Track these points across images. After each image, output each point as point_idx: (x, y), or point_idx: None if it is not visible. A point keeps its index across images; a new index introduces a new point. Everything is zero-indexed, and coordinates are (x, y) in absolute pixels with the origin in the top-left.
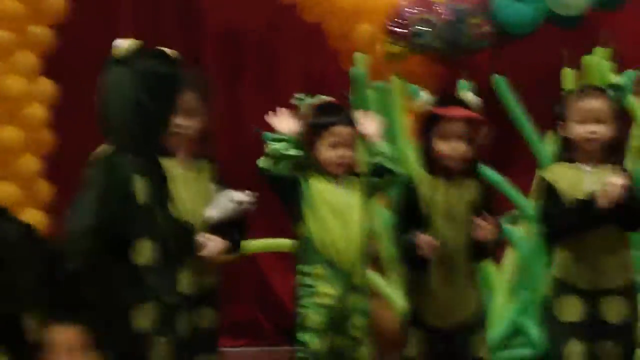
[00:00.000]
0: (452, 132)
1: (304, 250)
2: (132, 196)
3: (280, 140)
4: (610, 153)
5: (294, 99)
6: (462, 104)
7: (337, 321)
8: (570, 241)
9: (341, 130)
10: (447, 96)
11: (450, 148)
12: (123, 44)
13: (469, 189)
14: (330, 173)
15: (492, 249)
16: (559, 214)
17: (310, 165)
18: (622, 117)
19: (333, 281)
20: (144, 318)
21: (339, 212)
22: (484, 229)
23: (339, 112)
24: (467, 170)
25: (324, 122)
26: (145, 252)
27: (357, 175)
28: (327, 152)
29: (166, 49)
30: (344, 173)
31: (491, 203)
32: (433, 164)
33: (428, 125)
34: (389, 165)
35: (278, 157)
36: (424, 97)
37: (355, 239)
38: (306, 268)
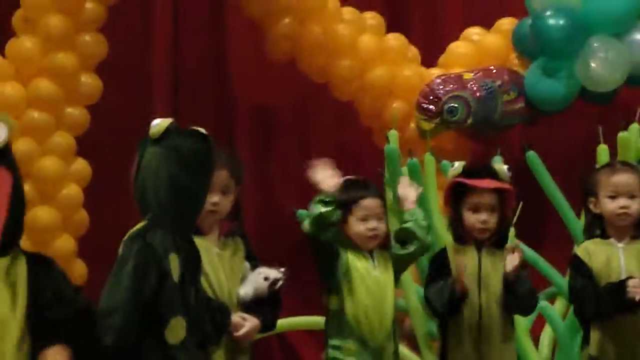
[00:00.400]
0: (482, 204)
1: (335, 324)
2: (168, 274)
3: (325, 203)
4: None
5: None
6: (492, 174)
7: None
8: (603, 323)
9: (370, 203)
10: (476, 166)
11: (481, 220)
12: (159, 123)
13: (501, 260)
14: (363, 248)
15: (522, 293)
16: (591, 296)
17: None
18: None
19: (364, 357)
20: None
21: (373, 290)
22: (512, 258)
23: (366, 186)
24: (498, 241)
25: (352, 196)
26: (178, 331)
27: (388, 249)
28: (357, 226)
29: (200, 128)
30: (376, 247)
31: (524, 271)
32: (464, 235)
33: (457, 197)
34: (418, 232)
35: (323, 224)
36: (456, 165)
37: (388, 317)
38: (336, 341)
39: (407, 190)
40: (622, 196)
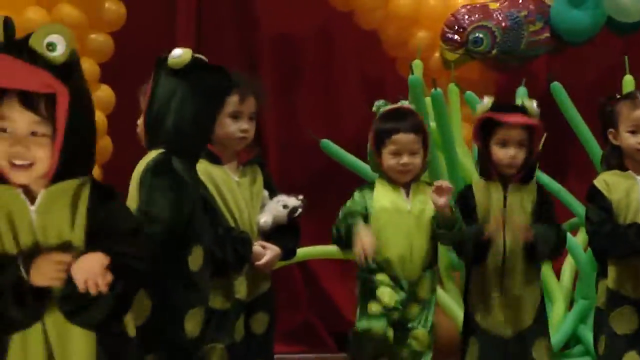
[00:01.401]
0: (511, 139)
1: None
2: (193, 202)
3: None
4: None
5: (374, 106)
6: (521, 110)
7: (398, 331)
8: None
9: (402, 138)
10: (506, 103)
11: (509, 155)
12: (181, 55)
13: (526, 196)
14: (396, 181)
15: (543, 252)
16: (611, 233)
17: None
18: None
19: (396, 289)
20: (193, 323)
21: (402, 227)
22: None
23: (401, 118)
24: (524, 176)
25: (386, 128)
26: (198, 258)
27: (427, 182)
28: (389, 160)
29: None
30: (410, 181)
31: (549, 210)
32: (491, 170)
33: (486, 132)
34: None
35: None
36: (485, 101)
37: (421, 252)
38: (368, 274)
39: (435, 197)
40: None
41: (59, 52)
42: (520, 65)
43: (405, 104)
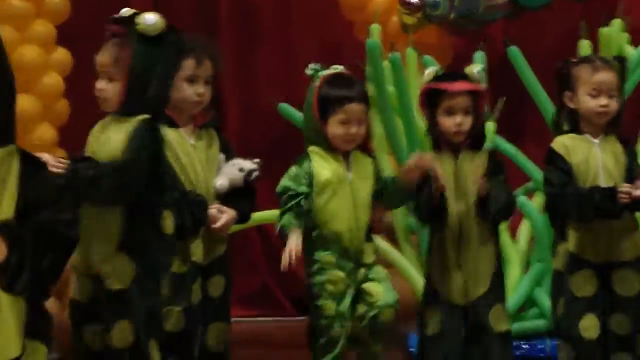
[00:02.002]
0: (457, 107)
1: (311, 237)
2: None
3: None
4: (614, 124)
5: (308, 69)
6: (465, 77)
7: (352, 298)
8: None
9: (353, 107)
10: (450, 72)
11: (455, 123)
12: (156, 22)
13: (477, 163)
14: (339, 149)
15: (496, 207)
16: (573, 197)
17: (316, 138)
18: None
19: (342, 264)
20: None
21: (345, 196)
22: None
23: (351, 86)
24: (474, 143)
25: (336, 96)
26: (170, 222)
27: (369, 153)
28: (337, 129)
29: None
30: (354, 149)
31: (500, 175)
32: (439, 139)
33: (432, 102)
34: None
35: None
36: (427, 72)
37: (363, 218)
38: (315, 254)
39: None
40: (604, 94)
41: None
42: (478, 29)
43: (341, 68)
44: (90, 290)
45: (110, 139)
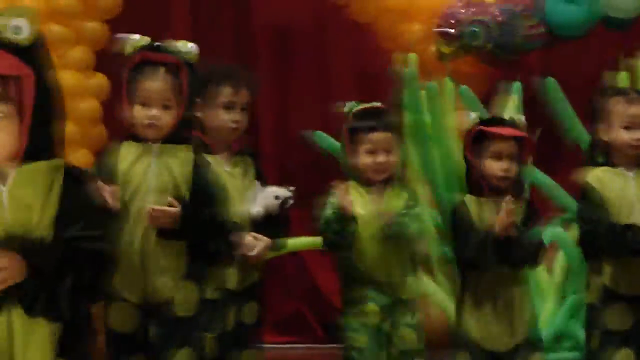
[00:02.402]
0: (505, 152)
1: (345, 270)
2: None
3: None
4: None
5: (345, 106)
6: (510, 124)
7: (385, 334)
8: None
9: (379, 136)
10: (495, 117)
11: (503, 168)
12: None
13: (518, 211)
14: (371, 180)
15: (520, 258)
16: (606, 235)
17: (351, 173)
18: None
19: (377, 297)
20: None
21: (376, 227)
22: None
23: (377, 117)
24: (515, 190)
25: (361, 127)
26: None
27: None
28: (365, 159)
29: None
30: (385, 181)
31: (535, 221)
32: (482, 185)
33: (478, 145)
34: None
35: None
36: (473, 116)
37: (399, 254)
38: (350, 287)
39: None
40: (638, 128)
41: (24, 35)
42: (515, 59)
43: (377, 104)
44: (138, 321)
45: (168, 167)
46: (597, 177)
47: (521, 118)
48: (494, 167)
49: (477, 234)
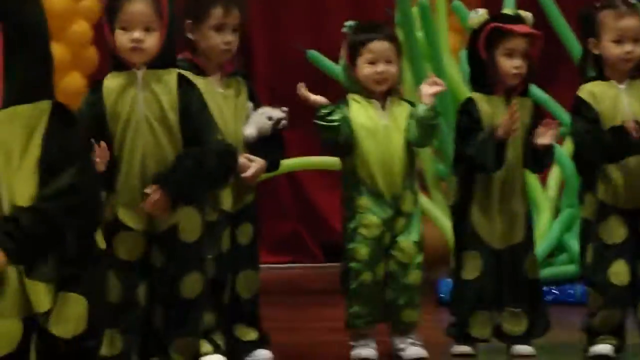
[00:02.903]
0: (518, 49)
1: (349, 181)
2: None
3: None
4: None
5: (345, 27)
6: (520, 20)
7: (384, 247)
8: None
9: (378, 45)
10: (505, 14)
11: (515, 65)
12: None
13: (525, 109)
14: (372, 91)
15: (549, 158)
16: (594, 141)
17: (353, 87)
18: None
19: (378, 210)
20: None
21: (381, 141)
22: (546, 134)
23: (375, 28)
24: (523, 89)
25: (361, 38)
26: None
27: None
28: (365, 69)
29: None
30: (386, 91)
31: (538, 123)
32: (496, 82)
33: (490, 42)
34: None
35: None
36: (480, 12)
37: (399, 165)
38: (352, 198)
39: (426, 87)
40: (628, 41)
41: None
42: None
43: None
44: (144, 249)
45: (155, 95)
46: (589, 91)
47: (528, 15)
48: (507, 64)
49: (481, 133)
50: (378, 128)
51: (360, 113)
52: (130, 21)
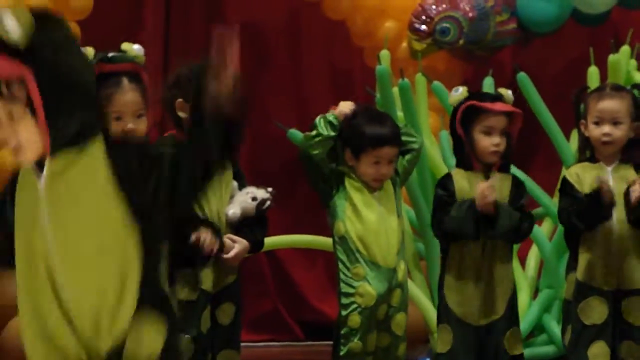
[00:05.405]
0: (496, 127)
1: (343, 250)
2: None
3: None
4: (629, 151)
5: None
6: (501, 98)
7: (381, 320)
8: (586, 238)
9: (388, 152)
10: (485, 92)
11: (494, 143)
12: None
13: (505, 185)
14: (368, 186)
15: (503, 225)
16: (577, 211)
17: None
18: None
19: (375, 281)
20: None
21: (377, 213)
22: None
23: (385, 125)
24: (502, 165)
25: (372, 139)
26: None
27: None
28: (368, 168)
29: None
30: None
31: (522, 198)
32: (472, 159)
33: (468, 120)
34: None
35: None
36: (460, 90)
37: (395, 237)
38: (346, 269)
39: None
40: (606, 123)
41: (16, 36)
42: (487, 55)
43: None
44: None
45: None
46: (574, 172)
47: (508, 92)
48: (485, 142)
49: (459, 206)
50: (373, 205)
51: (354, 190)
52: (123, 112)
